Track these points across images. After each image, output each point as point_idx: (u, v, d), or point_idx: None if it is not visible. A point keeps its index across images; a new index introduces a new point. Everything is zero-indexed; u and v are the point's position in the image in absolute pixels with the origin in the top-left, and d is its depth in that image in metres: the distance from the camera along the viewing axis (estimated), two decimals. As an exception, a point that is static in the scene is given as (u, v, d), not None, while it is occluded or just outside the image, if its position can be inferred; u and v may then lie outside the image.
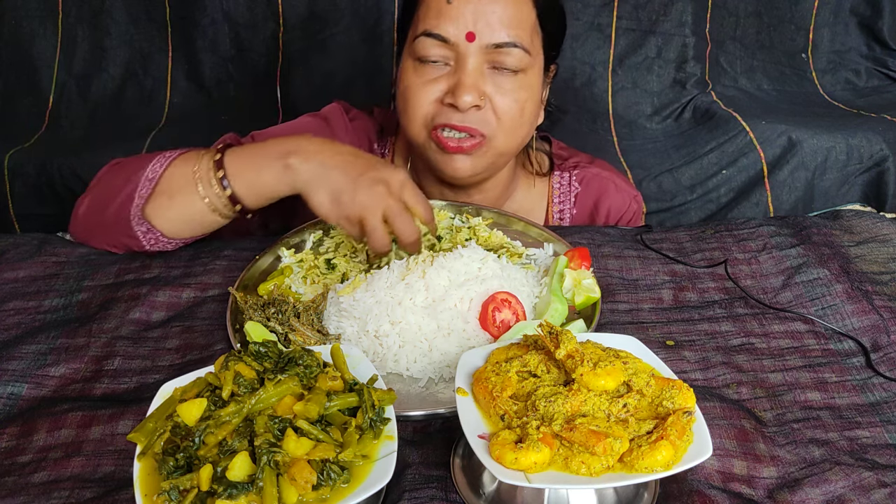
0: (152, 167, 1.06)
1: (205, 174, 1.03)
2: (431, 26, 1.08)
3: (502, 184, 1.29)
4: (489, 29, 1.07)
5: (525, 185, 1.36)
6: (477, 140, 1.11)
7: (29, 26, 2.00)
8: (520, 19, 1.09)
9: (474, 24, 1.07)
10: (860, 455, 0.78)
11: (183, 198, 1.04)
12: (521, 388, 0.71)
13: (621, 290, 1.06)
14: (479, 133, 1.11)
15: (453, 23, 1.07)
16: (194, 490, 0.62)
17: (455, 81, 1.09)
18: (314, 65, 1.98)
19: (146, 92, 2.05)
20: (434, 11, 1.09)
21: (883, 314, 0.98)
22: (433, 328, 0.91)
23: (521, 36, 1.09)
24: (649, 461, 0.63)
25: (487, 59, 1.09)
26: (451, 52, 1.09)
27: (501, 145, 1.14)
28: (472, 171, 1.16)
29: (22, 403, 0.86)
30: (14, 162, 1.83)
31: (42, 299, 1.03)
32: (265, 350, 0.73)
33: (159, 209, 1.05)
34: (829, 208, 1.64)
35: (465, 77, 1.08)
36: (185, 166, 1.04)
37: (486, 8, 1.07)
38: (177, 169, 1.05)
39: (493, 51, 1.08)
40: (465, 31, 1.07)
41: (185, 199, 1.04)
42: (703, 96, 1.95)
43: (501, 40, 1.08)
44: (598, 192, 1.36)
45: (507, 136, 1.14)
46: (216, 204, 1.03)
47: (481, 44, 1.08)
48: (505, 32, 1.08)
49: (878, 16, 2.02)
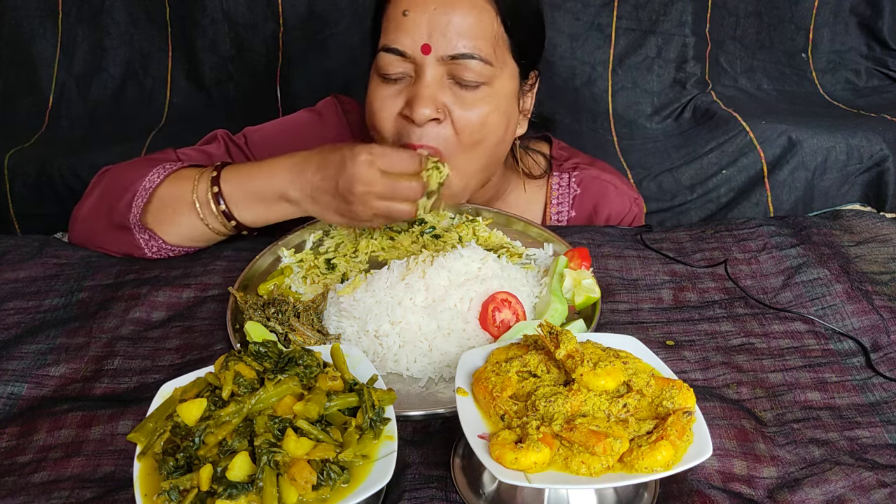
0: (150, 178, 1.08)
1: (204, 201, 1.06)
2: (390, 41, 1.06)
3: (490, 189, 1.26)
4: (445, 40, 1.03)
5: (520, 186, 1.34)
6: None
7: (29, 26, 2.00)
8: (479, 29, 1.05)
9: (429, 36, 1.04)
10: (860, 455, 0.78)
11: (182, 218, 1.08)
12: (521, 388, 0.71)
13: (621, 290, 1.06)
14: (437, 151, 1.07)
15: (409, 35, 1.04)
16: (194, 490, 0.62)
17: (412, 94, 1.06)
18: (314, 65, 1.98)
19: (146, 92, 2.05)
20: (392, 25, 1.06)
21: (883, 314, 0.98)
22: (433, 328, 0.91)
23: (480, 46, 1.05)
24: (649, 461, 0.63)
25: (447, 71, 1.06)
26: (410, 64, 1.06)
27: (461, 163, 1.09)
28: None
29: (22, 403, 0.86)
30: (14, 162, 1.83)
31: (42, 299, 1.03)
32: (265, 350, 0.73)
33: (160, 222, 1.09)
34: (829, 208, 1.63)
35: (421, 89, 1.05)
36: (183, 187, 1.07)
37: (441, 19, 1.03)
38: (174, 188, 1.08)
39: (451, 63, 1.05)
40: (420, 44, 1.04)
41: (185, 220, 1.08)
42: (703, 96, 1.95)
43: (458, 52, 1.04)
44: (598, 195, 1.33)
45: (466, 153, 1.09)
46: (218, 228, 1.08)
47: (437, 56, 1.04)
48: (462, 43, 1.04)
49: (878, 16, 2.02)
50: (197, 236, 1.11)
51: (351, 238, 1.12)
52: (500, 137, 1.13)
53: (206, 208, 1.06)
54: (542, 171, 1.34)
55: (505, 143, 1.16)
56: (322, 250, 1.11)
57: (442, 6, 1.04)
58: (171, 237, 1.10)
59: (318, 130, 1.31)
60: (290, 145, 1.28)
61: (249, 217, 1.07)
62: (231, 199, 1.06)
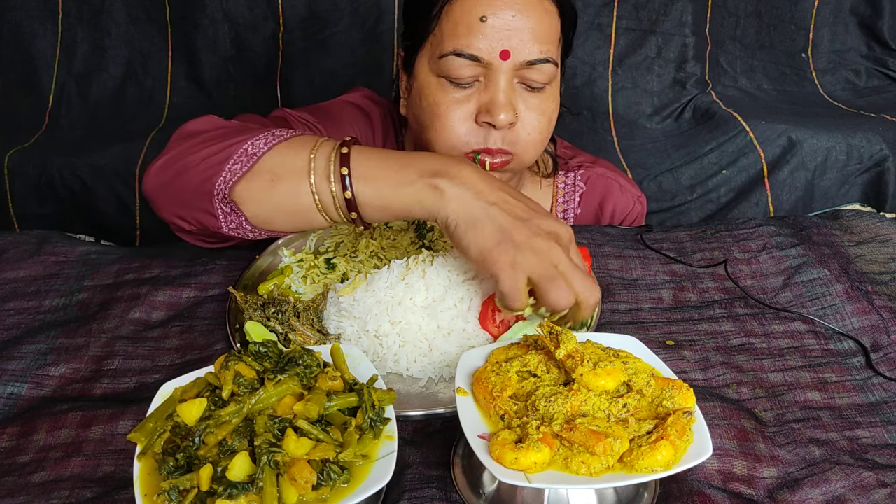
0: (254, 142, 0.91)
1: (323, 166, 0.88)
2: (462, 46, 1.03)
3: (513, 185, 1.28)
4: (523, 45, 1.03)
5: (531, 183, 1.36)
6: (508, 157, 1.09)
7: (29, 26, 2.00)
8: (550, 33, 1.06)
9: (509, 42, 1.02)
10: (860, 455, 0.78)
11: (288, 186, 0.89)
12: (521, 388, 0.71)
13: (621, 290, 1.06)
14: (508, 153, 1.08)
15: (486, 41, 1.02)
16: (194, 490, 0.62)
17: (489, 99, 1.04)
18: (314, 65, 1.98)
19: (146, 92, 2.05)
20: (464, 28, 1.03)
21: (883, 314, 0.98)
22: (433, 328, 0.91)
23: (551, 50, 1.06)
24: (649, 461, 0.63)
25: (518, 75, 1.06)
26: (481, 69, 1.05)
27: (527, 159, 1.12)
28: None
29: (22, 403, 0.86)
30: (14, 162, 1.83)
31: (42, 299, 1.03)
32: (265, 350, 0.73)
33: (254, 191, 0.90)
34: (829, 208, 1.64)
35: (499, 95, 1.04)
36: (300, 151, 0.90)
37: (519, 24, 1.02)
38: (287, 152, 0.91)
39: (526, 68, 1.05)
40: (499, 50, 1.02)
41: (290, 189, 0.89)
42: (703, 96, 1.95)
43: (535, 57, 1.04)
44: (603, 192, 1.35)
45: (535, 150, 1.11)
46: (326, 203, 0.89)
47: (515, 62, 1.04)
48: (538, 48, 1.04)
49: (878, 16, 2.02)
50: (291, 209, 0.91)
51: (351, 238, 1.12)
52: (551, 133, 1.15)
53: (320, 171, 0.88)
54: (551, 169, 1.36)
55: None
56: (322, 250, 1.11)
57: (520, 12, 1.02)
58: (259, 210, 0.92)
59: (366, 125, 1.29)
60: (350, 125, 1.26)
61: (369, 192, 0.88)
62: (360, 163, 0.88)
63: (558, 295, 0.81)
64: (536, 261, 0.81)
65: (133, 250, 1.17)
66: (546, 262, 0.82)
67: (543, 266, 0.81)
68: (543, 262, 0.81)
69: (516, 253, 0.81)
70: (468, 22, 1.02)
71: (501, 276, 0.82)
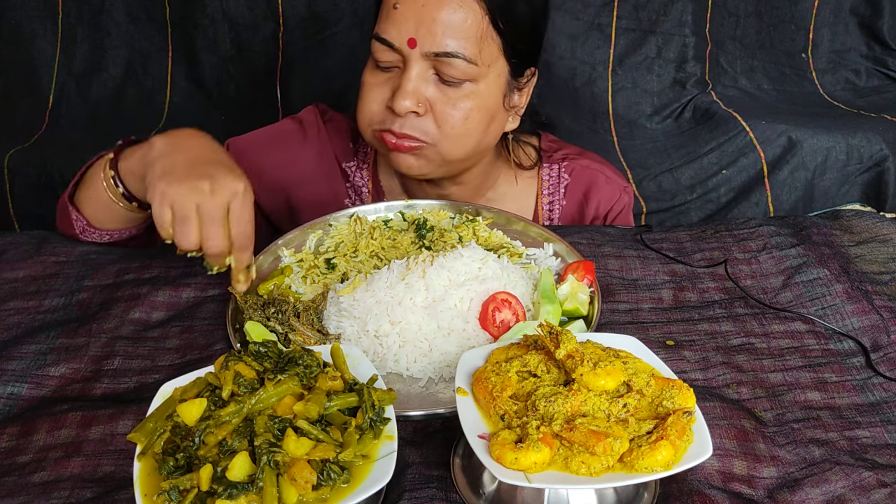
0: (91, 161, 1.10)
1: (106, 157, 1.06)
2: (380, 30, 1.09)
3: (478, 177, 1.29)
4: (430, 37, 1.06)
5: (510, 175, 1.36)
6: (414, 143, 1.12)
7: (29, 26, 2.00)
8: (465, 28, 1.06)
9: (416, 31, 1.06)
10: (860, 455, 0.78)
11: (94, 187, 1.07)
12: (521, 388, 0.71)
13: (621, 290, 1.06)
14: (417, 139, 1.11)
15: (397, 28, 1.07)
16: (194, 490, 0.62)
17: (396, 86, 1.09)
18: (314, 65, 1.98)
19: (146, 92, 2.05)
20: (384, 14, 1.09)
21: (883, 314, 0.98)
22: (433, 328, 0.91)
23: (465, 46, 1.07)
24: (649, 461, 0.63)
25: (432, 66, 1.09)
26: (398, 56, 1.09)
27: (446, 152, 1.13)
28: (421, 171, 1.16)
29: (22, 403, 0.86)
30: (14, 162, 1.83)
31: (42, 299, 1.03)
32: (265, 350, 0.73)
33: (82, 198, 1.10)
34: (829, 208, 1.64)
35: (404, 82, 1.08)
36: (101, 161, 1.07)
37: (429, 15, 1.05)
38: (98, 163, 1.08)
39: (435, 59, 1.07)
40: (406, 37, 1.07)
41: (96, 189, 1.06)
42: (703, 96, 1.95)
43: (442, 50, 1.06)
44: (588, 183, 1.35)
45: (450, 144, 1.13)
46: (114, 198, 1.05)
47: (422, 51, 1.07)
48: (447, 42, 1.06)
49: (878, 16, 2.02)
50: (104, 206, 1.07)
51: (351, 238, 1.12)
52: (482, 132, 1.16)
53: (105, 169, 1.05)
54: (533, 162, 1.36)
55: (490, 136, 1.19)
56: (322, 250, 1.11)
57: (430, 3, 1.05)
58: (90, 212, 1.10)
59: (297, 137, 1.33)
60: (271, 151, 1.31)
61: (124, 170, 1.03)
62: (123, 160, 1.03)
63: (183, 236, 0.90)
64: (178, 198, 0.90)
65: (133, 250, 1.17)
66: (186, 203, 0.90)
67: (182, 205, 0.89)
68: (185, 201, 0.89)
69: (168, 186, 0.90)
70: (387, 8, 1.09)
71: (153, 208, 0.91)
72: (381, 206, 1.18)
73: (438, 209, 1.19)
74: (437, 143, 1.12)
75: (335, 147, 1.34)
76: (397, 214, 1.17)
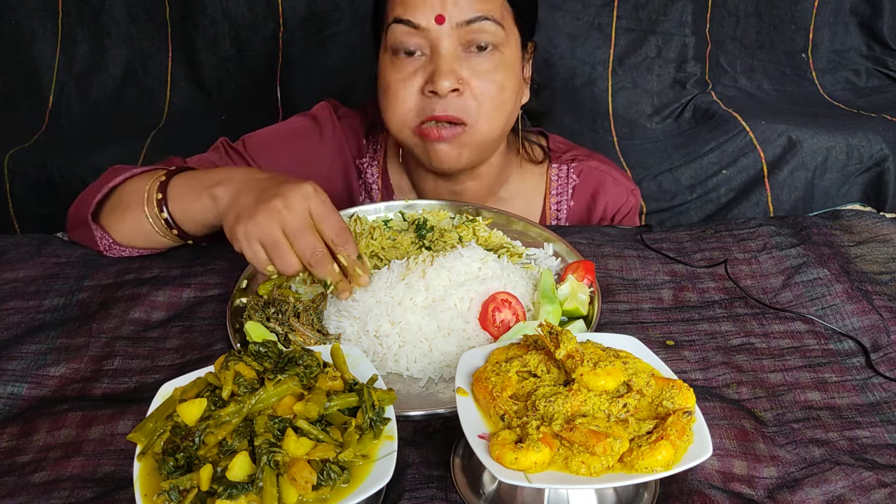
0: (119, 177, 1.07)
1: (152, 194, 1.03)
2: (400, 13, 1.09)
3: (495, 170, 1.29)
4: (457, 8, 1.08)
5: (521, 173, 1.37)
6: (458, 129, 1.12)
7: (29, 26, 2.00)
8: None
9: (442, 6, 1.07)
10: (860, 455, 0.78)
11: (132, 214, 1.05)
12: (521, 388, 0.71)
13: (621, 290, 1.06)
14: (461, 121, 1.11)
15: (421, 6, 1.08)
16: (194, 490, 0.62)
17: (432, 69, 1.09)
18: (314, 65, 1.98)
19: (146, 92, 2.05)
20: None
21: (883, 314, 0.98)
22: (433, 328, 0.91)
23: (490, 10, 1.09)
24: (649, 461, 0.63)
25: (461, 41, 1.10)
26: (424, 39, 1.10)
27: (485, 130, 1.14)
28: (457, 160, 1.16)
29: (22, 403, 0.86)
30: (14, 162, 1.83)
31: (42, 299, 1.03)
32: (265, 350, 0.73)
33: (112, 219, 1.08)
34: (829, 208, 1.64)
35: (441, 63, 1.08)
36: (142, 182, 1.05)
37: None
38: (134, 184, 1.06)
39: (466, 28, 1.08)
40: (433, 15, 1.07)
41: (135, 216, 1.05)
42: (703, 96, 1.95)
43: (471, 16, 1.08)
44: (596, 185, 1.36)
45: (489, 120, 1.14)
46: (155, 225, 1.04)
47: (452, 24, 1.08)
48: (474, 7, 1.08)
49: (878, 16, 2.02)
50: (139, 233, 1.07)
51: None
52: (514, 102, 1.18)
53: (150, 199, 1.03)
54: (541, 156, 1.37)
55: (516, 109, 1.21)
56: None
57: None
58: (120, 234, 1.08)
59: (314, 135, 1.32)
60: (288, 150, 1.29)
61: (178, 210, 1.02)
62: (173, 186, 1.02)
63: (282, 262, 0.88)
64: (260, 230, 0.88)
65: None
66: (269, 229, 0.87)
67: (267, 233, 0.87)
68: (267, 228, 0.87)
69: (246, 225, 0.88)
70: None
71: (244, 251, 0.90)
72: (381, 206, 1.18)
73: (438, 209, 1.19)
74: (475, 122, 1.12)
75: (350, 144, 1.34)
76: (397, 214, 1.17)
